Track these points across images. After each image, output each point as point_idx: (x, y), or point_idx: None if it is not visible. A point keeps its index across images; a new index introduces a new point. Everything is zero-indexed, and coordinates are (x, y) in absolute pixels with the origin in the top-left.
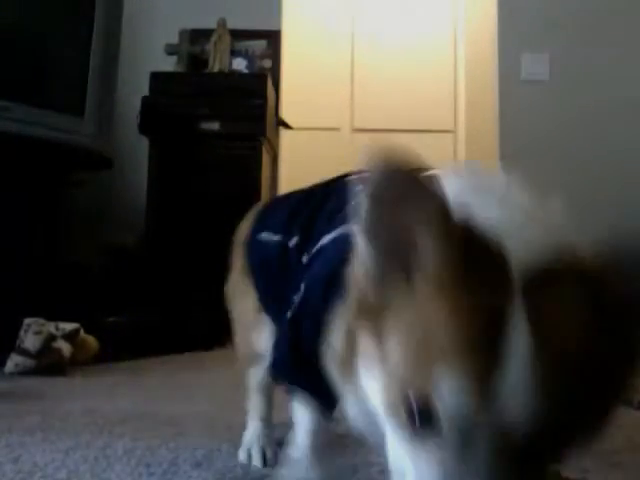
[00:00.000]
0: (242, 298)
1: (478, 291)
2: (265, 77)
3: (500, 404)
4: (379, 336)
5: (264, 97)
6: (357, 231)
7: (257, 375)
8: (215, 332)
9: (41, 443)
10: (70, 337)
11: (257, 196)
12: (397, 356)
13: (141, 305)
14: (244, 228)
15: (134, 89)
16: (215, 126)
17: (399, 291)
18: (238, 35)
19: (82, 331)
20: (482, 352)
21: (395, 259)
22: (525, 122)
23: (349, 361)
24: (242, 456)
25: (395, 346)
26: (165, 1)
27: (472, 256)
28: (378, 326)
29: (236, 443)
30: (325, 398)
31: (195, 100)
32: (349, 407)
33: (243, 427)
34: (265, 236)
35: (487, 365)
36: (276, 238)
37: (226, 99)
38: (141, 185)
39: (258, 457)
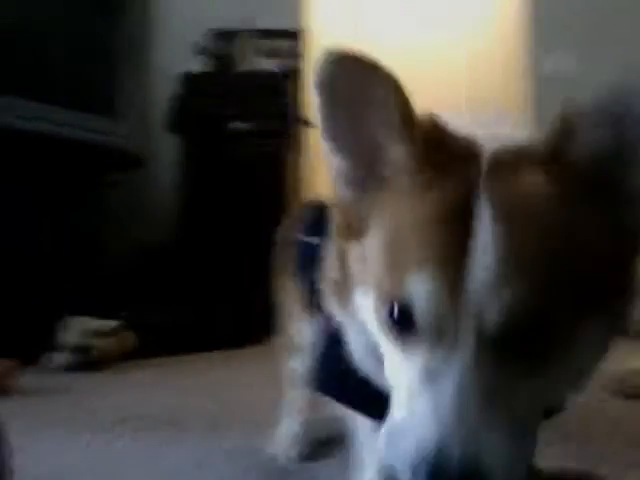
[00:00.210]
0: (289, 293)
1: (444, 183)
2: (291, 76)
3: (472, 292)
4: (363, 249)
5: (290, 96)
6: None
7: (294, 369)
8: (247, 330)
9: (64, 438)
10: (109, 334)
11: (284, 193)
12: (376, 262)
13: (174, 303)
14: (289, 226)
15: (164, 89)
16: (243, 125)
17: (371, 195)
18: (265, 34)
19: (120, 328)
20: (450, 243)
21: (360, 157)
22: (550, 119)
23: (344, 287)
24: (275, 451)
25: (374, 253)
26: (193, 2)
27: (434, 145)
28: (361, 239)
29: (265, 440)
30: (370, 409)
31: (223, 99)
32: (354, 348)
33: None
34: (310, 238)
35: (455, 255)
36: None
37: (253, 98)
38: (172, 184)
39: (294, 452)
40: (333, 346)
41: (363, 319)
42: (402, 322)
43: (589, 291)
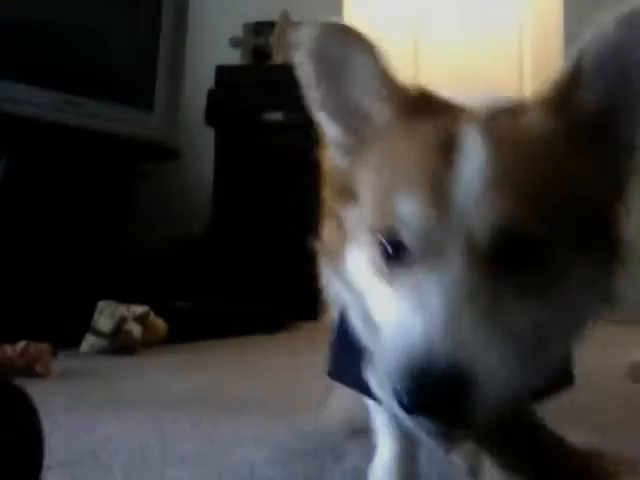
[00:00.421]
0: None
1: (433, 123)
2: None
3: (459, 208)
4: (358, 211)
5: None
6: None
7: None
8: (278, 317)
9: (113, 416)
10: (141, 319)
11: (317, 183)
12: (367, 203)
13: (207, 291)
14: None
15: (200, 82)
16: (278, 116)
17: (362, 158)
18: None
19: (152, 314)
20: (438, 167)
21: (348, 123)
22: None
23: (340, 250)
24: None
25: (365, 197)
26: None
27: (420, 103)
28: (355, 203)
29: (291, 422)
30: None
31: (259, 92)
32: (354, 320)
33: (298, 409)
34: None
35: (443, 177)
36: None
37: (288, 90)
38: (207, 175)
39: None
40: (345, 332)
41: (355, 275)
42: (393, 252)
43: (576, 225)
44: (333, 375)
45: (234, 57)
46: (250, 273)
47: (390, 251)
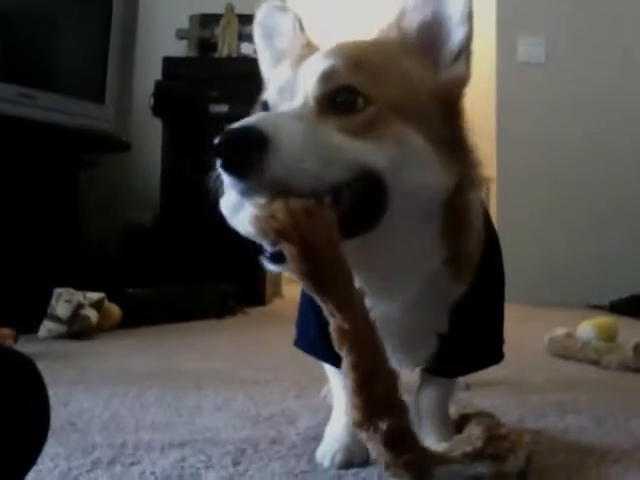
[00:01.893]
0: None
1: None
2: None
3: (302, 72)
4: None
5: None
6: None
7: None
8: (227, 302)
9: (83, 392)
10: (96, 305)
11: None
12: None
13: (158, 277)
14: None
15: (147, 73)
16: (224, 108)
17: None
18: (245, 19)
19: (106, 300)
20: (296, 61)
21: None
22: (522, 103)
23: None
24: (320, 456)
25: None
26: None
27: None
28: None
29: (249, 393)
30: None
31: (205, 84)
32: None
33: (254, 380)
34: None
35: (297, 64)
36: None
37: (234, 83)
38: (155, 165)
39: (338, 460)
40: (307, 302)
41: None
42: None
43: (407, 100)
44: (297, 344)
45: (180, 49)
46: (198, 260)
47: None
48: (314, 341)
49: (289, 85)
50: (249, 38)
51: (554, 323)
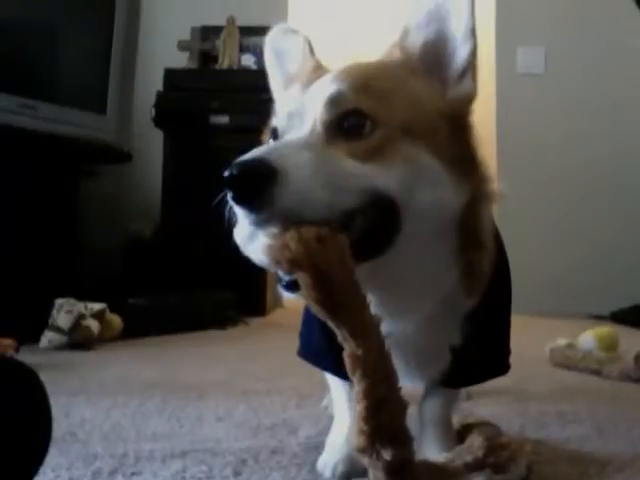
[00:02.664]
0: None
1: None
2: None
3: (310, 96)
4: None
5: (270, 92)
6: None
7: None
8: (226, 312)
9: (85, 402)
10: (97, 316)
11: None
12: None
13: (158, 288)
14: None
15: (148, 84)
16: (225, 119)
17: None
18: (246, 31)
19: (107, 311)
20: (304, 85)
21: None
22: (521, 114)
23: None
24: (321, 466)
25: None
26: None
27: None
28: None
29: (250, 403)
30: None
31: (206, 95)
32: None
33: (255, 390)
34: None
35: (306, 87)
36: None
37: (235, 94)
38: (156, 176)
39: (339, 470)
40: (308, 315)
41: None
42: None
43: (415, 121)
44: (300, 354)
45: (182, 60)
46: (199, 271)
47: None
48: (318, 351)
49: (298, 111)
50: (250, 50)
51: (555, 333)
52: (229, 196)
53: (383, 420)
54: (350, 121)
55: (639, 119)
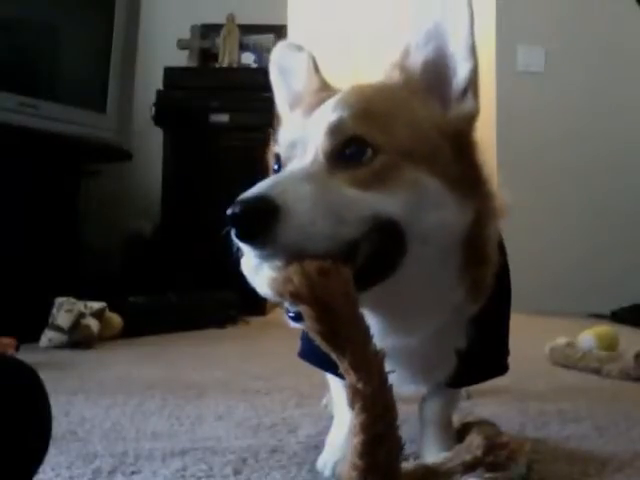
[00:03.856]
0: None
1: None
2: None
3: (313, 122)
4: None
5: (271, 90)
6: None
7: None
8: (227, 311)
9: (84, 401)
10: (97, 315)
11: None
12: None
13: (158, 287)
14: None
15: (148, 83)
16: (225, 118)
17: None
18: (246, 30)
19: (107, 310)
20: (308, 109)
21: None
22: (521, 112)
23: None
24: (321, 465)
25: None
26: None
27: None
28: None
29: (250, 402)
30: None
31: (206, 93)
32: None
33: (255, 389)
34: None
35: (309, 112)
36: None
37: (235, 92)
38: (156, 174)
39: (339, 469)
40: None
41: None
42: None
43: (419, 144)
44: (301, 355)
45: (182, 59)
46: (199, 270)
47: (275, 168)
48: (319, 353)
49: (300, 139)
50: (250, 48)
51: (555, 332)
52: (233, 233)
53: (378, 457)
54: (351, 148)
55: (639, 118)
